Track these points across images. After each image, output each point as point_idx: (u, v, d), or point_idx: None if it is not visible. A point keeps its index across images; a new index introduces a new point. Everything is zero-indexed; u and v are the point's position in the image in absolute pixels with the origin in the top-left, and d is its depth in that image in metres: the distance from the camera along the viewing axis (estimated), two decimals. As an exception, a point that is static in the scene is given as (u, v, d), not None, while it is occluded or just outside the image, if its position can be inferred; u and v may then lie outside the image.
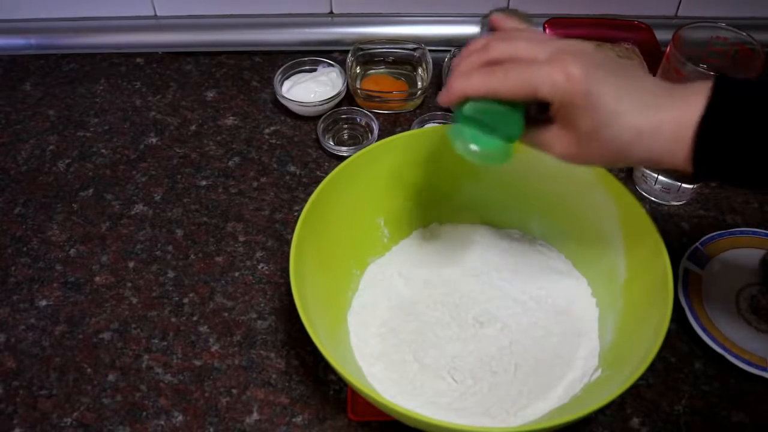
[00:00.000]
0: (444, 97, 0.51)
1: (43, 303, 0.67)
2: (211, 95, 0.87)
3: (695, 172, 0.46)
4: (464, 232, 0.69)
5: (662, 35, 0.82)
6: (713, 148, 0.44)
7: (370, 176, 0.64)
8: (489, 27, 0.55)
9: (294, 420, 0.59)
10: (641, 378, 0.49)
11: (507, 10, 0.58)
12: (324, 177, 0.60)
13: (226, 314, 0.66)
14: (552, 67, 0.46)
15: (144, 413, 0.60)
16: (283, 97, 0.82)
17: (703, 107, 0.44)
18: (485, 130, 0.50)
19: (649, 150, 0.46)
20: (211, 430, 0.58)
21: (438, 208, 0.69)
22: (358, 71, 0.88)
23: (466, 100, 0.50)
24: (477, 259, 0.67)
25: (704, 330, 0.62)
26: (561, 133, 0.49)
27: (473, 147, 0.50)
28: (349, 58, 0.85)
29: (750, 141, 0.43)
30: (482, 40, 0.51)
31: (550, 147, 0.50)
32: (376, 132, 0.80)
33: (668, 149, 0.45)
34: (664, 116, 0.45)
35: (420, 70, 0.87)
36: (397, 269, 0.66)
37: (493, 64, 0.49)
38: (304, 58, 0.86)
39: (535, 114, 0.51)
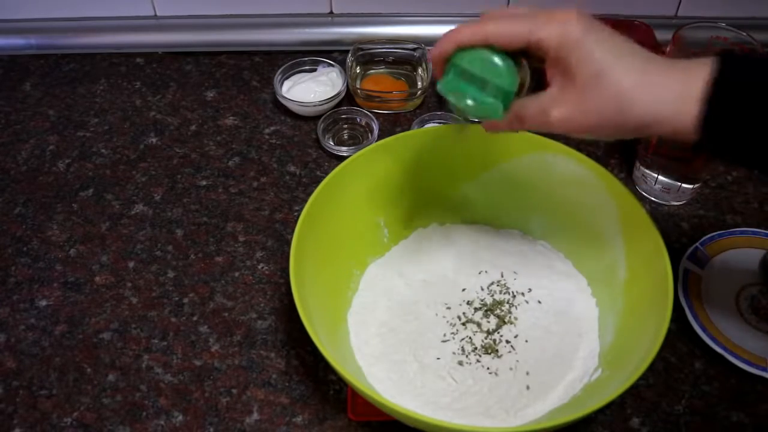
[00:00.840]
0: (435, 49, 0.50)
1: (43, 303, 0.67)
2: (211, 95, 0.87)
3: (701, 140, 0.44)
4: (464, 232, 0.69)
5: (662, 35, 0.81)
6: (723, 113, 0.42)
7: (370, 176, 0.64)
8: None
9: (294, 420, 0.59)
10: (641, 378, 0.49)
11: None
12: (324, 177, 0.60)
13: (226, 314, 0.66)
14: (548, 15, 0.46)
15: (144, 413, 0.60)
16: (283, 97, 0.82)
17: (714, 70, 0.43)
18: (478, 84, 0.49)
19: (654, 104, 0.44)
20: (211, 430, 0.58)
21: (438, 208, 0.69)
22: (358, 71, 0.88)
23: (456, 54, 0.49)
24: (477, 259, 0.67)
25: (704, 330, 0.62)
26: (558, 93, 0.47)
27: (468, 101, 0.50)
28: (349, 58, 0.85)
29: (765, 111, 0.42)
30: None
31: (547, 114, 0.48)
32: (376, 132, 0.80)
33: (674, 109, 0.44)
34: (668, 74, 0.44)
35: (420, 70, 0.87)
36: (397, 269, 0.66)
37: None
38: (304, 58, 0.86)
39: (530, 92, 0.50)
